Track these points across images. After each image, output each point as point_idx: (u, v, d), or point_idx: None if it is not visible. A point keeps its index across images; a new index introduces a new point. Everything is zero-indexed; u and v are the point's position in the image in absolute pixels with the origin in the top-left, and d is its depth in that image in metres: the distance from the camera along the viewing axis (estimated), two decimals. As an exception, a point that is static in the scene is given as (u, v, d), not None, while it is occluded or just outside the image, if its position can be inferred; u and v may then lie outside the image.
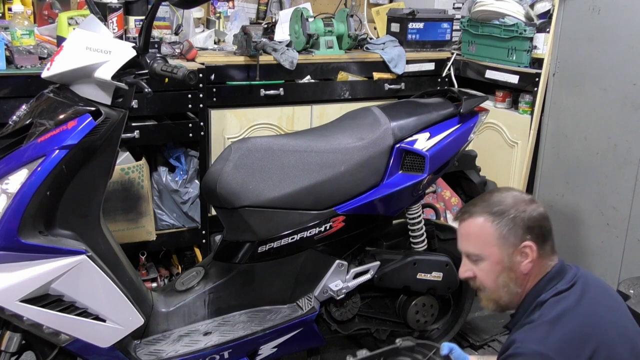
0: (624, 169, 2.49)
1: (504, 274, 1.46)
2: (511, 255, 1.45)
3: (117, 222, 2.42)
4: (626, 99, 2.46)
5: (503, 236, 1.44)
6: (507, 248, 1.45)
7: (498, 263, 1.46)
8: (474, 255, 1.49)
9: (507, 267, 1.46)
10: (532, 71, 2.84)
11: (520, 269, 1.45)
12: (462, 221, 1.52)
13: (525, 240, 1.44)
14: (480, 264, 1.48)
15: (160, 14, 2.76)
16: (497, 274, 1.46)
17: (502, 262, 1.45)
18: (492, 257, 1.46)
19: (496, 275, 1.47)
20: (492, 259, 1.46)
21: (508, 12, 2.90)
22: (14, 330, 1.70)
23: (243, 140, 1.97)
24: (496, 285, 1.48)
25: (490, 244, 1.46)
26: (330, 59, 2.89)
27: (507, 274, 1.46)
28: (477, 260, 1.48)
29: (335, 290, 2.06)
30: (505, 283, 1.47)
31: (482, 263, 1.48)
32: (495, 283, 1.47)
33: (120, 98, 1.70)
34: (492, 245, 1.45)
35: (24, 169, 1.57)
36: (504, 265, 1.46)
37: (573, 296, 1.40)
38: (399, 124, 2.08)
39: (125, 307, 1.78)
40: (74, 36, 1.68)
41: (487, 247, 1.46)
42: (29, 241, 1.58)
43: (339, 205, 2.00)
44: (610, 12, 2.50)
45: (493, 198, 1.50)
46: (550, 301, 1.41)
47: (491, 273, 1.47)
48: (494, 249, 1.45)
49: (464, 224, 1.51)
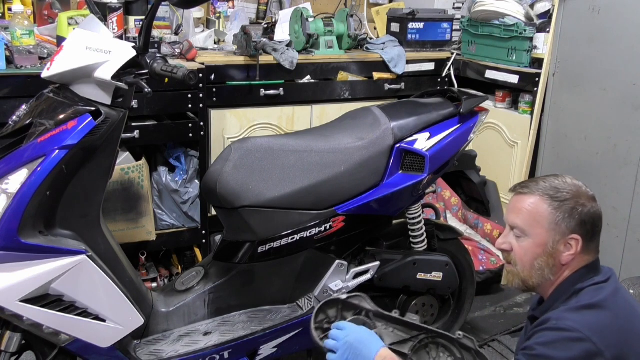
0: (624, 169, 2.49)
1: (543, 258, 1.46)
2: (557, 242, 1.45)
3: (117, 222, 2.42)
4: (626, 99, 2.46)
5: (556, 222, 1.44)
6: (555, 235, 1.45)
7: (540, 245, 1.46)
8: (519, 229, 1.48)
9: (549, 252, 1.46)
10: (532, 71, 2.84)
11: (560, 259, 1.45)
12: (520, 194, 1.50)
13: (575, 233, 1.44)
14: (522, 241, 1.48)
15: (160, 14, 2.76)
16: (537, 256, 1.47)
17: (545, 245, 1.45)
18: (537, 237, 1.46)
19: (535, 256, 1.47)
20: (536, 240, 1.46)
21: (508, 12, 2.90)
22: (14, 330, 1.70)
23: (243, 140, 1.97)
24: (531, 266, 1.48)
25: (541, 225, 1.45)
26: (330, 59, 2.89)
27: (546, 259, 1.46)
28: (520, 236, 1.48)
29: (335, 290, 2.06)
30: (540, 267, 1.47)
31: (525, 240, 1.47)
32: (531, 264, 1.48)
33: (120, 98, 1.70)
34: (541, 227, 1.45)
35: (24, 169, 1.57)
36: (546, 250, 1.46)
37: (610, 288, 1.42)
38: (399, 124, 2.08)
39: (125, 307, 1.78)
40: (74, 36, 1.68)
41: (536, 227, 1.46)
42: (29, 241, 1.58)
43: (339, 205, 2.00)
44: (610, 12, 2.50)
45: (557, 182, 1.49)
46: (589, 289, 1.42)
47: (530, 253, 1.47)
48: (541, 231, 1.45)
49: (521, 197, 1.50)
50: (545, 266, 1.47)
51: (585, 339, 1.31)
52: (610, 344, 1.32)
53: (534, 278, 1.49)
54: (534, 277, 1.49)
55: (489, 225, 3.06)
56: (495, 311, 2.81)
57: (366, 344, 1.49)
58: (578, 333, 1.32)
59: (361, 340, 1.49)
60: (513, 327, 2.65)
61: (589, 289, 1.42)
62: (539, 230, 1.45)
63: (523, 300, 2.89)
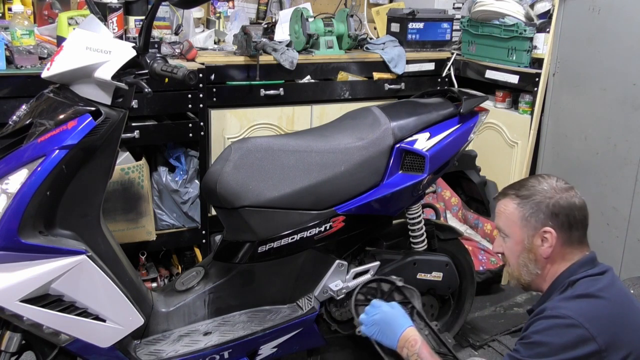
0: (624, 169, 2.49)
1: (524, 254, 1.55)
2: (531, 237, 1.53)
3: (117, 222, 2.42)
4: (626, 99, 2.46)
5: (525, 218, 1.53)
6: (528, 230, 1.53)
7: (519, 243, 1.55)
8: (502, 231, 1.60)
9: (527, 248, 1.54)
10: (532, 71, 2.84)
11: (540, 252, 1.52)
12: (497, 200, 1.63)
13: (547, 226, 1.51)
14: (507, 241, 1.58)
15: (160, 14, 2.76)
16: (518, 253, 1.56)
17: (522, 242, 1.54)
18: (514, 236, 1.56)
19: (517, 254, 1.56)
20: (514, 238, 1.56)
21: (508, 12, 2.90)
22: (14, 330, 1.70)
23: (243, 140, 1.97)
24: (517, 263, 1.57)
25: (514, 224, 1.55)
26: (330, 59, 2.89)
27: (527, 254, 1.55)
28: (504, 237, 1.59)
29: (335, 290, 2.06)
30: (524, 263, 1.56)
31: (508, 240, 1.58)
32: (517, 261, 1.57)
33: (120, 98, 1.70)
34: (515, 225, 1.55)
35: (24, 169, 1.57)
36: (524, 246, 1.54)
37: (605, 280, 1.47)
38: (399, 124, 2.08)
39: (125, 307, 1.78)
40: (74, 36, 1.68)
41: (511, 227, 1.56)
42: (29, 241, 1.58)
43: (339, 205, 2.00)
44: (610, 12, 2.50)
45: (528, 182, 1.59)
46: (584, 280, 1.47)
47: (513, 251, 1.57)
48: (516, 229, 1.55)
49: (498, 202, 1.62)
50: (527, 262, 1.55)
51: (578, 325, 1.35)
52: (603, 331, 1.36)
53: (523, 275, 1.58)
54: (524, 274, 1.58)
55: (489, 225, 3.06)
56: (495, 311, 2.81)
57: (395, 321, 1.70)
58: (571, 320, 1.37)
59: (391, 318, 1.70)
60: (513, 327, 2.64)
61: (583, 280, 1.47)
62: (514, 229, 1.55)
63: (523, 300, 2.89)
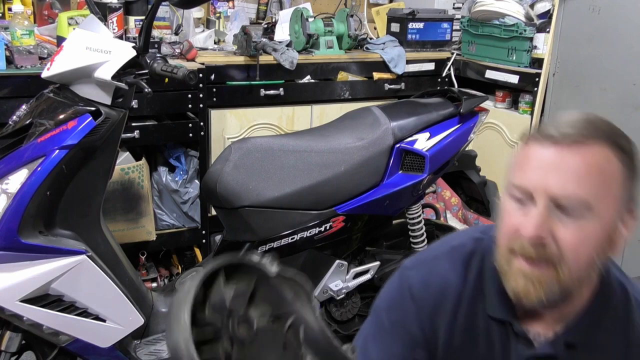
0: (624, 169, 2.48)
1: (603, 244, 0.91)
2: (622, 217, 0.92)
3: (117, 222, 2.41)
4: (626, 99, 2.46)
5: (626, 188, 0.91)
6: (622, 207, 0.91)
7: (606, 229, 0.90)
8: (580, 203, 0.87)
9: (610, 234, 0.92)
10: (532, 71, 2.84)
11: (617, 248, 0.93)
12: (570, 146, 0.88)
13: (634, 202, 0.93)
14: (580, 222, 0.88)
15: (160, 14, 2.76)
16: (597, 241, 0.90)
17: (609, 228, 0.91)
18: (605, 213, 0.89)
19: (597, 245, 0.90)
20: (602, 220, 0.89)
21: (508, 12, 2.90)
22: (14, 330, 1.70)
23: (243, 140, 1.97)
24: (590, 261, 0.91)
25: (611, 192, 0.89)
26: (330, 59, 2.89)
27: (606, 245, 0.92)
28: (572, 214, 0.88)
29: (335, 290, 2.06)
30: (596, 264, 0.93)
31: (587, 221, 0.88)
32: (591, 258, 0.91)
33: (120, 98, 1.70)
34: (611, 195, 0.89)
35: (24, 169, 1.57)
36: (608, 235, 0.91)
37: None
38: (399, 124, 2.08)
39: (125, 307, 1.78)
40: (74, 36, 1.68)
41: (605, 196, 0.88)
42: (29, 241, 1.58)
43: (339, 205, 2.00)
44: (610, 12, 2.50)
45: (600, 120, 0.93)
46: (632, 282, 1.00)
47: (593, 240, 0.89)
48: (610, 201, 0.89)
49: (571, 150, 0.88)
50: (599, 257, 0.93)
51: None
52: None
53: (583, 281, 0.94)
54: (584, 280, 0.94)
55: (489, 225, 3.06)
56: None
57: None
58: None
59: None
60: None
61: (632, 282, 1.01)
62: (608, 201, 0.89)
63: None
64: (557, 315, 0.96)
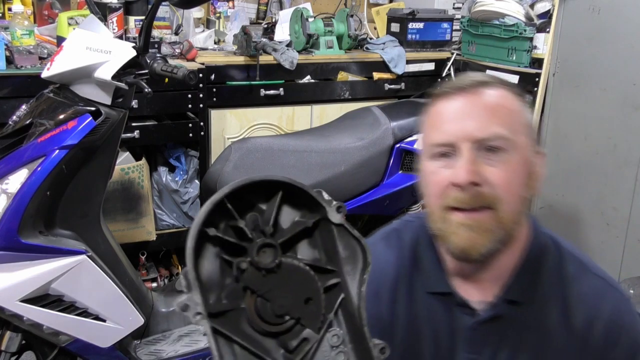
0: (624, 169, 2.48)
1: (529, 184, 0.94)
2: (534, 156, 0.96)
3: (117, 222, 2.41)
4: (626, 99, 2.46)
5: (530, 124, 0.97)
6: (531, 145, 0.95)
7: (525, 162, 0.92)
8: (495, 139, 0.90)
9: (530, 172, 0.94)
10: (532, 71, 2.83)
11: (537, 184, 0.95)
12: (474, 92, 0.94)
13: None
14: (502, 158, 0.90)
15: (160, 14, 2.76)
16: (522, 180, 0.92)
17: (527, 162, 0.93)
18: (522, 146, 0.92)
19: (520, 182, 0.92)
20: (521, 152, 0.92)
21: (508, 12, 2.90)
22: (14, 330, 1.70)
23: (243, 140, 1.98)
24: (519, 199, 0.92)
25: (521, 126, 0.93)
26: (330, 59, 2.89)
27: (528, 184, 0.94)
28: (496, 152, 0.90)
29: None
30: (525, 199, 0.94)
31: (505, 155, 0.90)
32: (519, 195, 0.92)
33: (120, 98, 1.70)
34: (522, 129, 0.93)
35: (24, 169, 1.57)
36: (528, 169, 0.93)
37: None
38: (399, 124, 2.08)
39: (125, 307, 1.78)
40: (74, 36, 1.68)
41: (518, 130, 0.92)
42: (29, 241, 1.58)
43: (339, 205, 2.00)
44: (610, 12, 2.50)
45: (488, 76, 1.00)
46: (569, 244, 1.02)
47: (518, 176, 0.91)
48: (522, 135, 0.93)
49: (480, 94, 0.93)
50: (525, 198, 0.94)
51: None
52: None
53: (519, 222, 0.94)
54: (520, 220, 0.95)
55: (489, 225, 3.06)
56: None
57: None
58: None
59: None
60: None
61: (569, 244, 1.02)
62: (522, 137, 0.93)
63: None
64: (494, 276, 0.96)
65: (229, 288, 0.66)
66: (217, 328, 0.63)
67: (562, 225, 2.71)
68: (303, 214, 0.70)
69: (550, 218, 2.81)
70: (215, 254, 0.66)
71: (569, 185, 2.73)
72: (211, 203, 0.64)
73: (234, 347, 0.64)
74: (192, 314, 0.62)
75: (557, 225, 2.76)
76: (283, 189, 0.68)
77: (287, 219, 0.70)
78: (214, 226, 0.66)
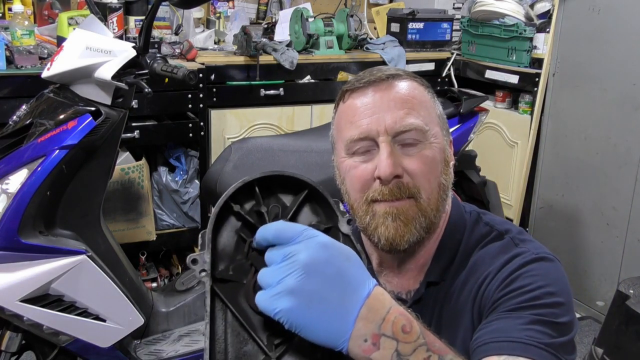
0: (624, 169, 2.49)
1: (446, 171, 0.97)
2: (448, 144, 1.00)
3: (117, 222, 2.42)
4: (626, 99, 2.46)
5: (441, 114, 1.00)
6: (445, 134, 0.99)
7: (441, 150, 0.95)
8: (412, 130, 0.92)
9: (445, 159, 0.97)
10: (532, 71, 2.84)
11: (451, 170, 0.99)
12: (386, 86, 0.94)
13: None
14: (420, 148, 0.92)
15: (160, 14, 2.76)
16: (439, 169, 0.95)
17: (443, 150, 0.96)
18: (436, 134, 0.95)
19: (438, 171, 0.94)
20: (436, 141, 0.94)
21: (508, 12, 2.90)
22: (14, 330, 1.70)
23: (243, 140, 1.98)
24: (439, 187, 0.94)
25: (433, 116, 0.97)
26: (330, 59, 2.89)
27: (447, 172, 0.97)
28: (413, 143, 0.92)
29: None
30: (444, 187, 0.96)
31: (422, 145, 0.93)
32: (438, 183, 0.94)
33: (121, 98, 1.70)
34: (434, 118, 0.97)
35: (24, 169, 1.57)
36: (444, 157, 0.96)
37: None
38: (399, 124, 2.08)
39: (125, 307, 1.78)
40: (74, 36, 1.68)
41: (431, 120, 0.95)
42: (29, 241, 1.58)
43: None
44: (610, 12, 2.50)
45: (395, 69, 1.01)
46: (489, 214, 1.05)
47: (433, 165, 0.93)
48: (436, 125, 0.96)
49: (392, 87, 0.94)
50: (447, 187, 0.97)
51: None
52: None
53: (440, 209, 0.96)
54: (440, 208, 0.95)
55: (489, 225, 3.05)
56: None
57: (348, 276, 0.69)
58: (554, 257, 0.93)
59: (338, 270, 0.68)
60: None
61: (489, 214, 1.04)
62: (435, 124, 0.96)
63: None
64: (419, 265, 0.99)
65: (238, 262, 0.73)
66: (217, 291, 0.71)
67: (562, 225, 2.71)
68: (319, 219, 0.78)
69: (550, 218, 2.81)
70: (235, 229, 0.74)
71: (569, 185, 2.73)
72: (242, 181, 0.72)
73: (227, 315, 0.72)
74: (198, 269, 0.69)
75: (557, 225, 2.77)
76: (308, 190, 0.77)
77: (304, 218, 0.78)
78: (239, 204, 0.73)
